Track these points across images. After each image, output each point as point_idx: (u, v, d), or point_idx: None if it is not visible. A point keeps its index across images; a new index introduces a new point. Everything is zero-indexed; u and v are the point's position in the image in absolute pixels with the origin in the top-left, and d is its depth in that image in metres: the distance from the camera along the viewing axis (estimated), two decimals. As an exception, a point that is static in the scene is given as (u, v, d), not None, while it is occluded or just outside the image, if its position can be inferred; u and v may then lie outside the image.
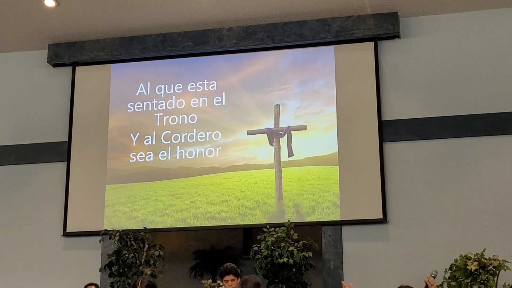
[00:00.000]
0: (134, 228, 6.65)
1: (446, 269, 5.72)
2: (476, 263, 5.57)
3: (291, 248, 5.90)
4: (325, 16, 6.69)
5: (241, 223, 6.63)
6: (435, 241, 6.19)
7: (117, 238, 6.27)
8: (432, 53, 6.59)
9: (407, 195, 6.34)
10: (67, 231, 6.87)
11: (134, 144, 7.01)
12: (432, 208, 6.27)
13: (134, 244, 6.25)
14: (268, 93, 6.83)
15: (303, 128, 6.68)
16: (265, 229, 6.10)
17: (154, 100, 7.06)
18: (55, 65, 7.29)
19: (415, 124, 6.45)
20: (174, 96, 7.02)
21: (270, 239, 5.96)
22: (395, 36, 6.62)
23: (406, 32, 6.65)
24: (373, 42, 6.64)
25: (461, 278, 5.60)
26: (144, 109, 7.05)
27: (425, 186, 6.33)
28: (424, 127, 6.43)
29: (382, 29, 6.58)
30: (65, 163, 7.05)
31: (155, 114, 7.02)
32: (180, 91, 7.03)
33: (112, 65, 7.19)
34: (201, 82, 6.99)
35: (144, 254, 6.22)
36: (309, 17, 6.74)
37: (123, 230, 6.37)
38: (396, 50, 6.64)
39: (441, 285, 5.67)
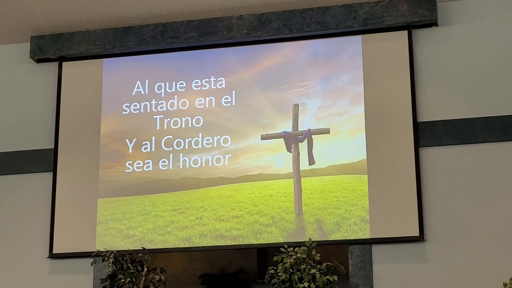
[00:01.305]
0: (130, 248, 6.63)
1: (494, 295, 5.63)
2: (529, 287, 5.45)
3: (313, 271, 5.86)
4: (351, 1, 6.68)
5: (255, 242, 6.60)
6: (481, 262, 6.13)
7: (111, 260, 6.23)
8: (475, 43, 6.55)
9: (448, 209, 6.28)
10: (53, 252, 6.85)
11: (130, 151, 7.02)
12: (476, 224, 6.21)
13: (131, 267, 6.23)
14: (285, 91, 6.82)
15: (326, 131, 6.66)
16: (282, 249, 6.05)
17: (153, 100, 7.06)
18: (38, 61, 7.30)
19: (456, 126, 6.41)
20: (176, 96, 7.03)
21: (288, 261, 5.92)
22: (432, 23, 6.58)
23: (444, 19, 6.62)
24: (406, 31, 6.62)
25: (513, 305, 5.47)
26: (142, 111, 7.06)
27: (469, 198, 6.27)
28: (467, 130, 6.39)
29: (417, 16, 6.54)
30: (50, 174, 7.04)
31: (154, 117, 7.03)
32: (183, 89, 7.03)
33: (104, 60, 7.20)
34: (207, 79, 7.00)
35: (143, 279, 6.19)
36: (333, 3, 6.71)
37: (118, 251, 6.34)
38: (433, 40, 6.61)
39: (490, 312, 5.59)
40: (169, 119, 7.00)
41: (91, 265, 6.53)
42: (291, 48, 6.89)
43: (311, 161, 6.65)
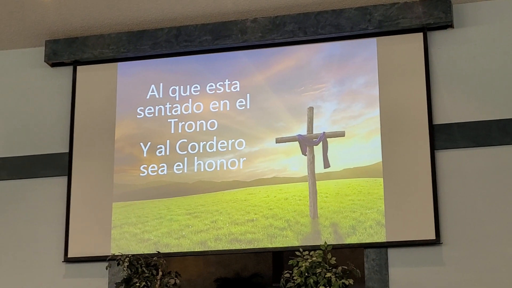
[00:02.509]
0: (145, 252, 6.64)
1: (512, 299, 5.62)
2: (548, 291, 5.48)
3: (328, 274, 5.86)
4: (366, 3, 6.65)
5: (270, 246, 6.60)
6: (498, 265, 6.11)
7: (126, 264, 6.26)
8: (491, 45, 6.52)
9: (464, 212, 6.26)
10: (68, 256, 6.87)
11: (145, 155, 7.02)
12: (493, 227, 6.18)
13: (146, 271, 6.26)
14: (299, 94, 6.81)
15: (341, 134, 6.65)
16: (297, 253, 6.06)
17: (168, 103, 7.07)
18: (53, 65, 7.32)
19: (472, 129, 6.39)
20: (190, 99, 7.03)
21: (303, 265, 5.93)
22: (448, 25, 6.56)
23: (460, 21, 6.59)
24: (422, 33, 6.60)
25: (531, 309, 5.50)
26: (156, 115, 7.07)
27: (485, 200, 6.25)
28: (483, 132, 6.37)
29: (433, 18, 6.52)
30: (65, 178, 7.05)
31: (168, 120, 7.04)
32: (198, 93, 7.03)
33: (118, 63, 7.21)
34: (222, 83, 7.00)
35: (158, 283, 6.21)
36: (347, 5, 6.70)
37: (133, 255, 6.37)
38: (449, 42, 6.58)
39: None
40: (183, 122, 7.01)
41: (106, 269, 6.52)
42: (305, 51, 6.88)
43: (326, 164, 6.64)
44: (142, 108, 7.11)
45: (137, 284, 6.17)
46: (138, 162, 7.02)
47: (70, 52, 7.23)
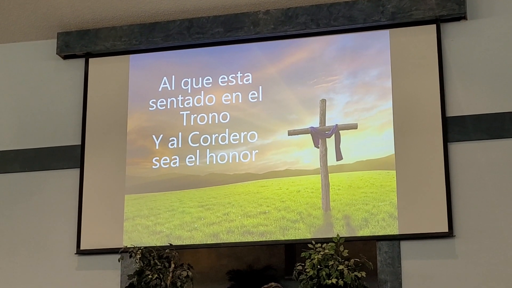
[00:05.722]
0: (158, 244, 6.66)
1: (525, 292, 5.62)
2: (562, 284, 5.49)
3: (340, 267, 5.89)
4: None
5: (282, 238, 6.61)
6: (511, 258, 6.11)
7: (138, 256, 6.29)
8: (505, 37, 6.50)
9: (478, 205, 6.26)
10: (81, 248, 6.90)
11: (157, 147, 7.04)
12: (506, 220, 6.18)
13: (158, 263, 6.29)
14: (312, 86, 6.81)
15: (354, 126, 6.65)
16: (310, 245, 6.09)
17: (180, 96, 7.08)
18: (65, 57, 7.33)
19: (486, 121, 6.38)
20: (202, 91, 7.04)
21: (316, 257, 5.95)
22: (461, 17, 6.54)
23: (474, 13, 6.57)
24: (435, 25, 6.58)
25: (545, 303, 5.51)
26: (168, 107, 7.08)
27: (498, 193, 6.25)
28: (497, 124, 6.35)
29: (446, 9, 6.51)
30: (78, 170, 7.08)
31: (181, 113, 7.05)
32: (210, 85, 7.04)
33: (130, 56, 7.22)
34: (234, 75, 7.00)
35: (170, 275, 6.24)
36: None
37: (145, 247, 6.40)
38: (462, 34, 6.56)
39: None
40: (195, 115, 7.02)
41: (119, 261, 6.56)
42: (318, 43, 6.87)
43: (339, 156, 6.64)
44: (154, 100, 7.12)
45: (149, 276, 6.19)
46: (151, 155, 7.04)
47: (82, 44, 7.25)
